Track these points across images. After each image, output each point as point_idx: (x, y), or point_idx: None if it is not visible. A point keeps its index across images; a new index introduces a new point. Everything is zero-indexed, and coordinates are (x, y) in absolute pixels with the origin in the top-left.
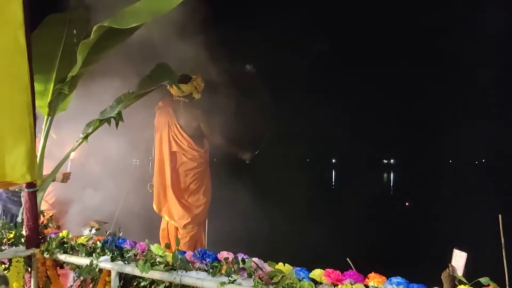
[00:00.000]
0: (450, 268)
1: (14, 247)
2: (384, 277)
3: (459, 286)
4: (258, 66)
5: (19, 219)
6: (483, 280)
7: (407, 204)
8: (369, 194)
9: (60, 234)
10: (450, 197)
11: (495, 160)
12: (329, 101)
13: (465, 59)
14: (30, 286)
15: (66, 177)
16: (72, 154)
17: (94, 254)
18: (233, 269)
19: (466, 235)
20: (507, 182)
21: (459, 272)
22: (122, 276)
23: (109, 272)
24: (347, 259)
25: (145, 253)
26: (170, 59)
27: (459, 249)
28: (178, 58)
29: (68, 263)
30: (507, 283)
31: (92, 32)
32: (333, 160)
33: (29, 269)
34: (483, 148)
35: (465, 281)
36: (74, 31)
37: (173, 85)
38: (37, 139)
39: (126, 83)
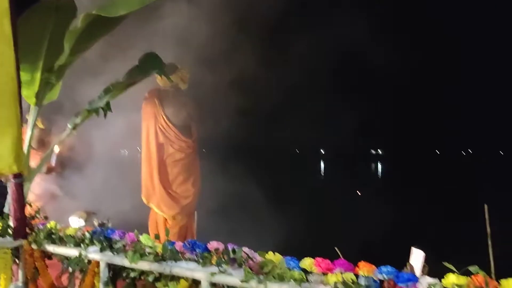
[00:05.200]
0: (408, 267)
1: (1, 238)
2: (373, 266)
3: (449, 274)
4: None
5: (5, 210)
6: (472, 269)
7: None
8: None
9: (48, 225)
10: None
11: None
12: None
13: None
14: (18, 277)
15: (49, 170)
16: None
17: (82, 245)
18: (223, 259)
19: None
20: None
21: (417, 270)
22: (111, 267)
23: (98, 263)
24: (335, 248)
25: (134, 244)
26: None
27: (417, 248)
28: None
29: (56, 254)
30: (492, 271)
31: (80, 20)
32: (322, 151)
33: (17, 261)
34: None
35: (454, 269)
36: (61, 19)
37: (160, 75)
38: (23, 129)
39: None
